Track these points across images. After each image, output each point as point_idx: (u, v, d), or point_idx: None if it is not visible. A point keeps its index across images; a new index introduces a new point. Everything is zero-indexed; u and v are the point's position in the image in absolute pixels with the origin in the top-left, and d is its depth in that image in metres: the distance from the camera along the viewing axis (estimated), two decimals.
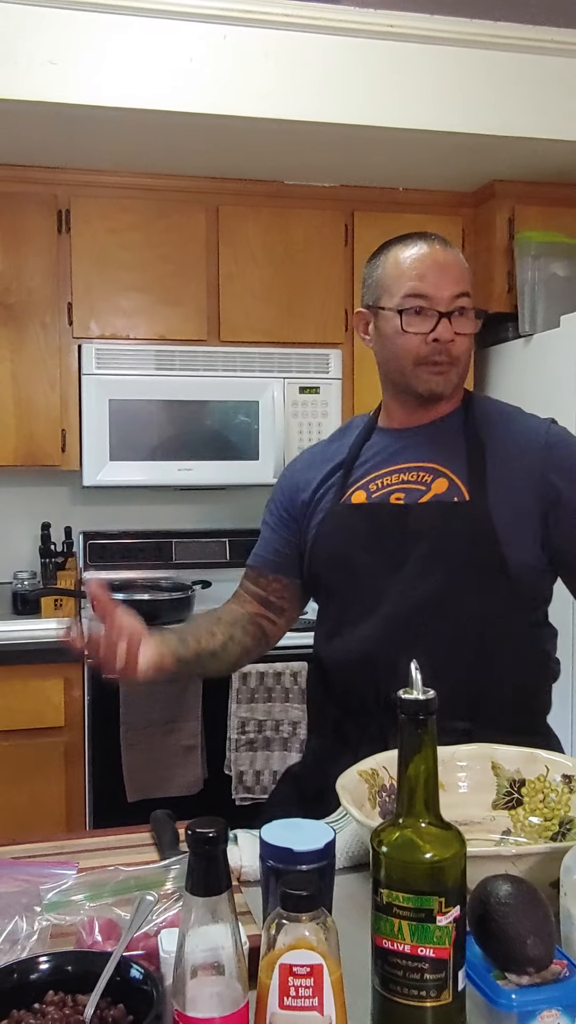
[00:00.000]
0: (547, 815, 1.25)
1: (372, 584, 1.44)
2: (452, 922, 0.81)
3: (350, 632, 1.49)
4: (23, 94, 2.47)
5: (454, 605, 1.39)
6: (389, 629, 1.42)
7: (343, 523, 1.48)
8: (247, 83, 2.60)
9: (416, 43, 2.68)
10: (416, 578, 1.40)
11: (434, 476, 1.44)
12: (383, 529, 1.43)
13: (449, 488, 1.42)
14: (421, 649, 1.18)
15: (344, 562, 1.48)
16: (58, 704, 2.73)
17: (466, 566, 1.38)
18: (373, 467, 1.50)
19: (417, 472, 1.45)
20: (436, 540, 1.39)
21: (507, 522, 1.38)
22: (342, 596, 1.51)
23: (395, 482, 1.46)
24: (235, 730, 2.71)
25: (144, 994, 0.85)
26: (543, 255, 3.09)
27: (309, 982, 0.77)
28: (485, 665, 1.41)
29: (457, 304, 1.40)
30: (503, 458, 1.42)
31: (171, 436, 3.03)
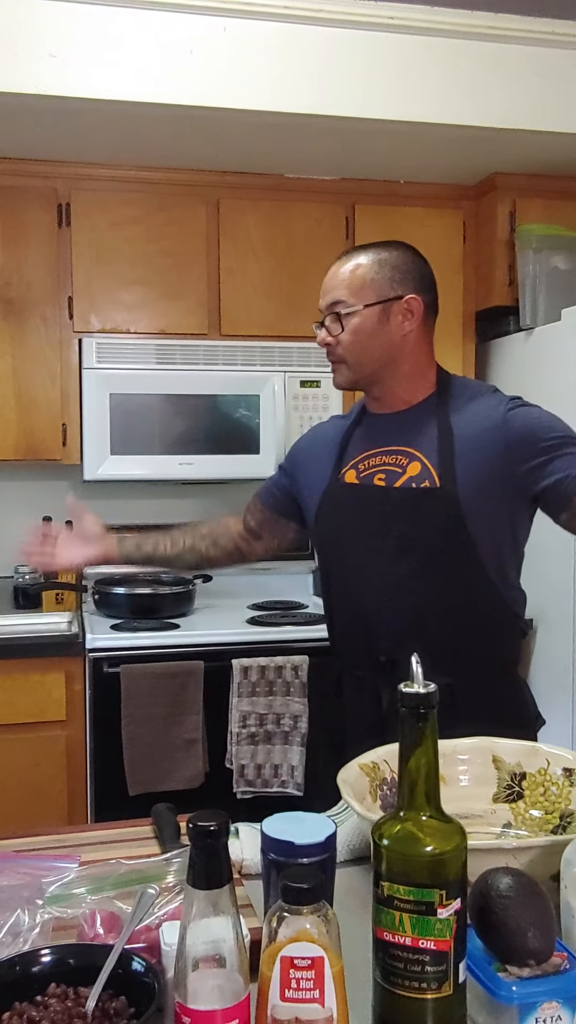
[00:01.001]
0: (548, 808, 1.25)
1: (357, 560, 1.65)
2: (453, 915, 0.81)
3: (341, 598, 1.71)
4: (23, 87, 2.47)
5: (429, 581, 1.58)
6: (374, 599, 1.62)
7: (338, 500, 1.68)
8: (247, 76, 2.59)
9: (417, 35, 2.67)
10: (393, 558, 1.59)
11: (409, 460, 1.61)
12: (368, 510, 1.63)
13: (421, 471, 1.59)
14: (403, 616, 1.56)
15: (336, 537, 1.70)
16: (59, 698, 2.73)
17: (437, 549, 1.57)
18: (362, 449, 1.69)
19: (395, 455, 1.63)
20: (410, 525, 1.58)
21: (473, 503, 1.54)
22: (335, 566, 1.71)
23: (378, 463, 1.64)
24: (236, 724, 2.72)
25: (146, 987, 0.85)
26: (544, 248, 3.08)
27: (310, 974, 0.78)
28: (461, 629, 1.59)
29: (331, 310, 1.65)
30: (468, 440, 1.57)
31: (172, 430, 3.03)
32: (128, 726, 2.66)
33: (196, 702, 2.70)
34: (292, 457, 1.87)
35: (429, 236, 3.23)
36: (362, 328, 1.62)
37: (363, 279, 1.62)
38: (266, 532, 1.92)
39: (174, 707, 2.69)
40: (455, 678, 1.52)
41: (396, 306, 1.61)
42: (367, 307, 1.61)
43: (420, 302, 1.62)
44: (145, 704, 2.67)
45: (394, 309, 1.61)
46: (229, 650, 2.75)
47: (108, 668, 2.68)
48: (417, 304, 1.62)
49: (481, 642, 1.62)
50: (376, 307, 1.61)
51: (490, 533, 1.57)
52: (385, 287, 1.61)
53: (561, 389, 2.76)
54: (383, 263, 1.62)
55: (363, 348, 1.62)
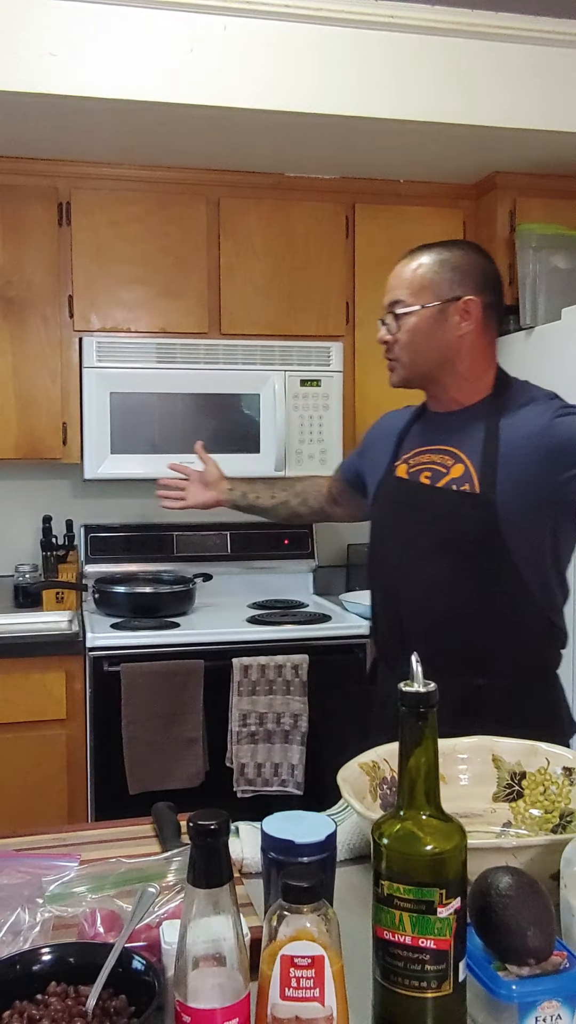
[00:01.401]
0: (547, 807, 1.26)
1: (397, 553, 1.68)
2: (453, 913, 0.82)
3: (382, 589, 1.76)
4: (23, 86, 2.47)
5: (462, 583, 1.59)
6: (410, 594, 1.65)
7: (388, 492, 1.74)
8: (248, 74, 2.59)
9: (417, 34, 2.67)
10: (430, 556, 1.62)
11: (454, 461, 1.62)
12: (411, 506, 1.66)
13: (464, 474, 1.60)
14: (436, 614, 1.58)
15: (382, 528, 1.75)
16: (60, 697, 2.73)
17: (472, 552, 1.57)
18: (415, 444, 1.73)
19: (442, 455, 1.65)
20: (447, 526, 1.60)
21: (511, 510, 1.54)
22: (379, 556, 1.76)
23: (425, 461, 1.67)
24: (236, 722, 2.72)
25: (146, 985, 0.85)
26: (544, 247, 3.08)
27: (310, 973, 0.78)
28: (492, 632, 1.59)
29: (392, 309, 1.66)
30: (513, 446, 1.57)
31: (172, 429, 3.03)
32: (128, 725, 2.67)
33: (196, 701, 2.70)
34: (364, 440, 1.95)
35: (429, 235, 3.17)
36: (418, 328, 1.63)
37: (423, 279, 1.63)
38: (344, 501, 2.04)
39: (174, 706, 2.69)
40: (486, 680, 1.56)
41: (453, 307, 1.62)
42: (424, 307, 1.62)
43: (478, 303, 1.63)
44: (145, 703, 2.67)
45: (451, 310, 1.62)
46: (229, 649, 2.75)
47: (108, 667, 2.68)
48: (475, 305, 1.63)
49: (513, 647, 1.60)
50: (433, 308, 1.62)
51: (528, 541, 1.56)
52: (444, 288, 1.62)
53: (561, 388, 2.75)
54: (445, 263, 1.63)
55: (418, 348, 1.64)
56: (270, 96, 2.61)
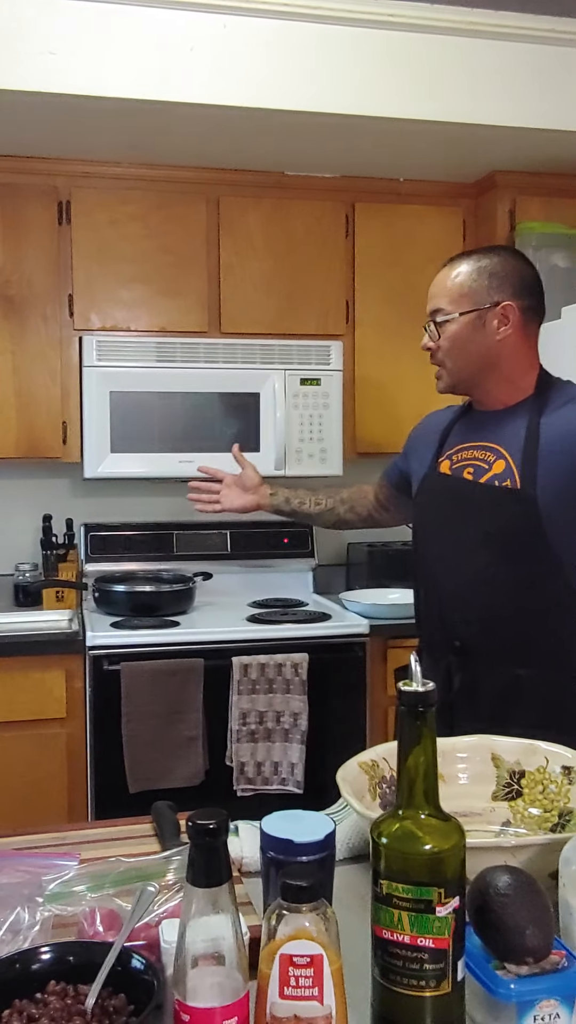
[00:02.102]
0: (547, 806, 1.26)
1: (440, 547, 1.73)
2: (451, 912, 0.82)
3: (425, 581, 1.79)
4: (23, 84, 2.47)
5: (504, 576, 1.62)
6: (453, 586, 1.69)
7: (432, 488, 1.78)
8: (247, 73, 2.59)
9: (417, 32, 2.67)
10: (473, 550, 1.66)
11: (496, 457, 1.66)
12: (454, 502, 1.70)
13: (505, 470, 1.64)
14: (478, 606, 1.64)
15: (426, 520, 1.79)
16: (60, 695, 2.73)
17: (514, 546, 1.61)
18: (458, 441, 1.77)
19: (484, 451, 1.69)
20: (490, 521, 1.63)
21: (552, 506, 1.58)
22: (422, 550, 1.81)
23: (468, 458, 1.71)
24: (236, 721, 2.72)
25: (145, 984, 0.85)
26: (544, 246, 3.08)
27: (309, 972, 0.78)
28: (534, 623, 1.62)
29: (434, 318, 1.70)
30: (553, 444, 1.61)
31: (172, 428, 3.03)
32: (128, 724, 2.67)
33: (196, 700, 2.70)
34: (408, 441, 1.97)
35: (429, 234, 3.23)
36: (458, 335, 1.68)
37: (461, 287, 1.67)
38: (392, 506, 2.07)
39: (174, 705, 2.69)
40: (526, 670, 1.61)
41: (491, 313, 1.66)
42: (463, 315, 1.67)
43: (516, 308, 1.67)
44: (145, 702, 2.67)
45: (489, 316, 1.66)
46: (229, 648, 2.75)
47: (108, 666, 2.69)
48: (513, 310, 1.67)
49: (553, 638, 1.63)
50: (471, 315, 1.66)
51: (569, 534, 1.59)
52: (482, 295, 1.66)
53: None
54: (483, 271, 1.67)
55: (460, 354, 1.69)
56: (270, 95, 2.61)
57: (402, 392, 3.14)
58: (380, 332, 3.24)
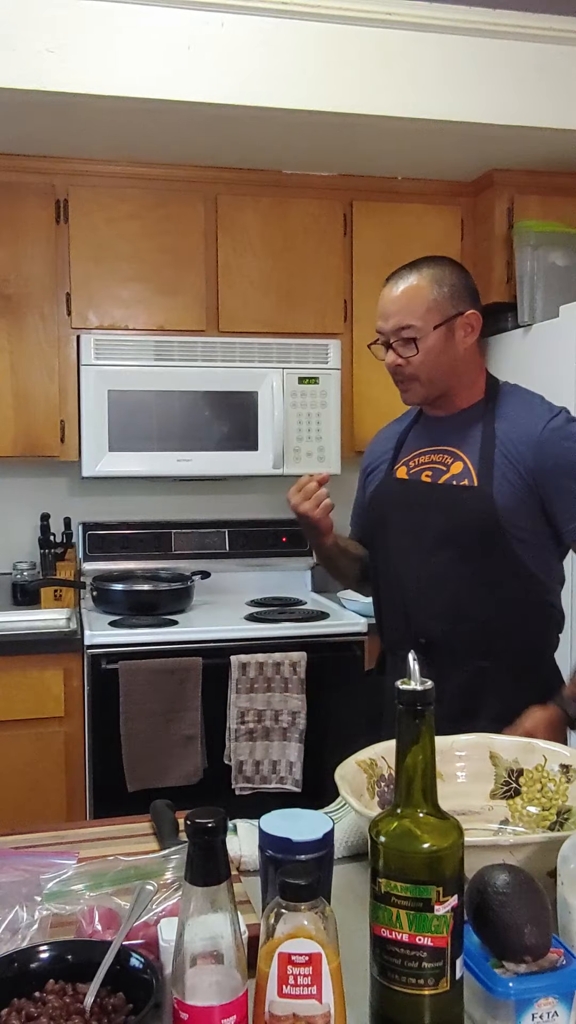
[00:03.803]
0: (545, 804, 1.26)
1: (401, 548, 1.76)
2: (450, 911, 0.82)
3: (386, 582, 1.81)
4: (20, 82, 2.46)
5: (465, 572, 1.67)
6: (415, 585, 1.72)
7: (388, 492, 1.81)
8: (244, 71, 2.59)
9: (415, 31, 2.67)
10: (433, 549, 1.70)
11: (453, 459, 1.72)
12: (413, 504, 1.74)
13: (463, 471, 1.69)
14: (441, 602, 1.68)
15: (384, 525, 1.80)
16: (58, 694, 2.73)
17: (474, 542, 1.66)
18: (414, 447, 1.81)
19: (441, 454, 1.74)
20: (449, 519, 1.68)
21: (508, 504, 1.63)
22: (382, 552, 1.82)
23: (426, 462, 1.76)
24: (235, 720, 2.72)
25: (144, 983, 0.85)
26: (542, 245, 3.08)
27: (308, 971, 0.78)
28: (496, 617, 1.67)
29: (400, 335, 1.68)
30: (508, 447, 1.67)
31: (170, 426, 3.02)
32: (126, 722, 2.67)
33: (194, 698, 2.70)
34: (363, 468, 1.95)
35: (427, 232, 3.23)
36: (433, 348, 1.69)
37: (426, 301, 1.68)
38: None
39: (172, 703, 2.69)
40: (489, 661, 1.67)
41: (459, 322, 1.69)
42: (436, 328, 1.68)
43: (479, 316, 1.71)
44: (143, 700, 2.67)
45: (457, 325, 1.69)
46: (227, 646, 2.76)
47: (106, 664, 2.69)
48: (476, 318, 1.71)
49: (514, 630, 1.69)
50: (442, 327, 1.68)
51: (528, 529, 1.65)
52: (447, 306, 1.69)
53: (559, 385, 2.76)
54: (440, 282, 1.69)
55: (434, 366, 1.70)
56: (267, 93, 2.61)
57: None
58: None
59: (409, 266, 1.72)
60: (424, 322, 1.67)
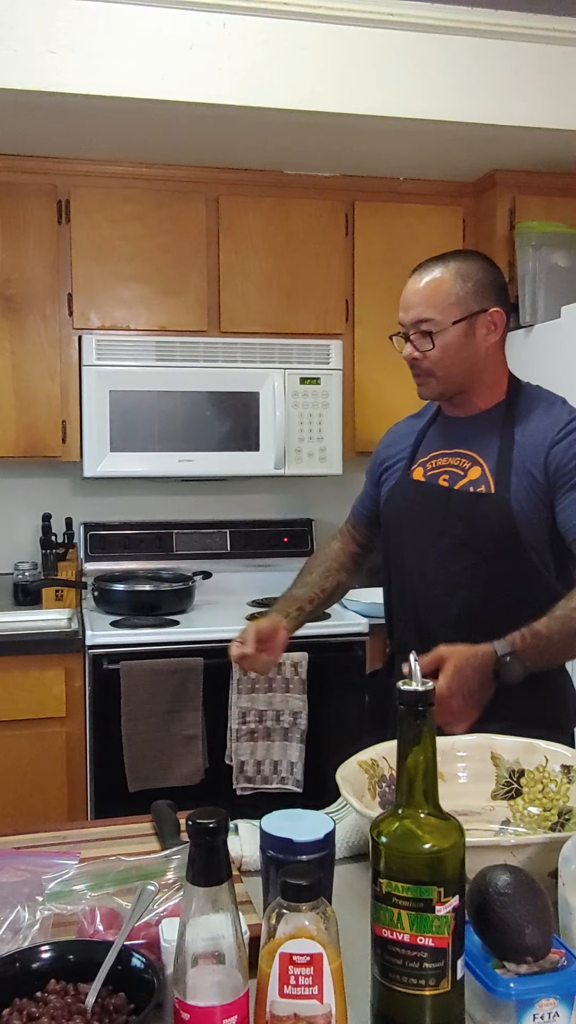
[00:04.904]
0: (546, 805, 1.26)
1: (416, 553, 1.73)
2: (451, 911, 0.82)
3: (399, 587, 1.79)
4: (22, 83, 2.46)
5: (481, 580, 1.64)
6: (429, 591, 1.69)
7: (405, 493, 1.78)
8: (247, 72, 2.59)
9: (417, 32, 2.67)
10: (449, 556, 1.66)
11: (471, 463, 1.69)
12: (430, 508, 1.71)
13: (480, 476, 1.66)
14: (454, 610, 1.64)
15: (400, 526, 1.78)
16: (59, 694, 2.74)
17: (491, 550, 1.62)
18: (432, 448, 1.77)
19: (459, 458, 1.71)
20: (466, 526, 1.65)
21: (525, 511, 1.60)
22: (395, 557, 1.80)
23: (443, 464, 1.73)
24: (236, 720, 2.72)
25: (145, 983, 0.85)
26: (544, 245, 3.08)
27: (309, 971, 0.78)
28: (511, 626, 1.57)
29: (419, 328, 1.65)
30: (526, 453, 1.64)
31: (171, 427, 3.03)
32: (128, 723, 2.67)
33: (196, 698, 2.70)
34: (373, 461, 1.92)
35: (428, 233, 3.23)
36: (451, 344, 1.65)
37: (449, 296, 1.64)
38: (376, 542, 1.95)
39: (174, 703, 2.69)
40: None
41: (480, 319, 1.65)
42: (455, 324, 1.64)
43: (502, 314, 1.67)
44: (145, 701, 2.67)
45: (479, 322, 1.66)
46: (229, 646, 2.75)
47: (108, 665, 2.69)
48: (500, 317, 1.67)
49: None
50: (462, 323, 1.65)
51: (546, 538, 1.62)
52: (470, 302, 1.65)
53: (561, 386, 2.75)
54: (465, 277, 1.65)
55: (452, 362, 1.67)
56: (269, 94, 2.61)
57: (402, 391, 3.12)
58: (380, 331, 3.22)
59: (437, 258, 1.69)
60: (443, 316, 1.64)
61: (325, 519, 3.42)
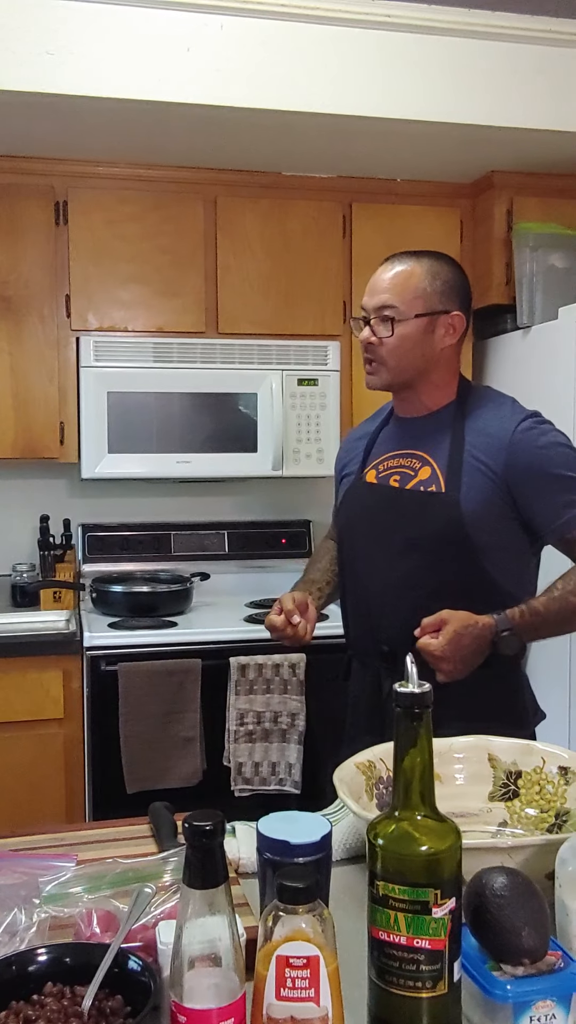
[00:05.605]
0: (543, 807, 1.26)
1: (367, 554, 1.73)
2: (448, 914, 0.82)
3: (352, 589, 1.79)
4: (20, 84, 2.46)
5: (431, 579, 1.64)
6: (380, 592, 1.70)
7: (358, 496, 1.79)
8: (244, 73, 2.59)
9: (414, 33, 2.67)
10: (399, 555, 1.67)
11: (421, 464, 1.69)
12: (380, 509, 1.71)
13: (431, 476, 1.66)
14: (405, 610, 1.60)
15: (352, 529, 1.79)
16: (57, 696, 2.73)
17: (440, 550, 1.63)
18: (384, 450, 1.78)
19: (410, 459, 1.71)
20: (415, 525, 1.65)
21: (475, 509, 1.60)
22: (348, 558, 1.81)
23: (394, 466, 1.73)
24: (234, 721, 2.72)
25: (142, 985, 0.85)
26: (541, 246, 3.08)
27: (305, 973, 0.78)
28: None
29: (381, 313, 1.67)
30: (477, 452, 1.64)
31: (169, 428, 3.03)
32: (126, 724, 2.67)
33: (194, 700, 2.70)
34: (336, 470, 1.94)
35: (426, 234, 3.23)
36: (409, 336, 1.67)
37: (416, 288, 1.66)
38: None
39: (172, 705, 2.69)
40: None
41: (442, 319, 1.67)
42: (417, 317, 1.65)
43: (463, 319, 1.69)
44: (143, 702, 2.67)
45: (439, 322, 1.67)
46: (227, 648, 2.76)
47: (106, 666, 2.69)
48: (460, 321, 1.69)
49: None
50: (424, 318, 1.66)
51: (497, 538, 1.62)
52: (435, 300, 1.67)
53: (558, 387, 2.77)
54: (436, 275, 1.67)
55: (405, 354, 1.68)
56: (267, 95, 2.61)
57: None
58: None
59: (411, 253, 1.70)
60: (407, 307, 1.65)
61: (323, 520, 3.41)
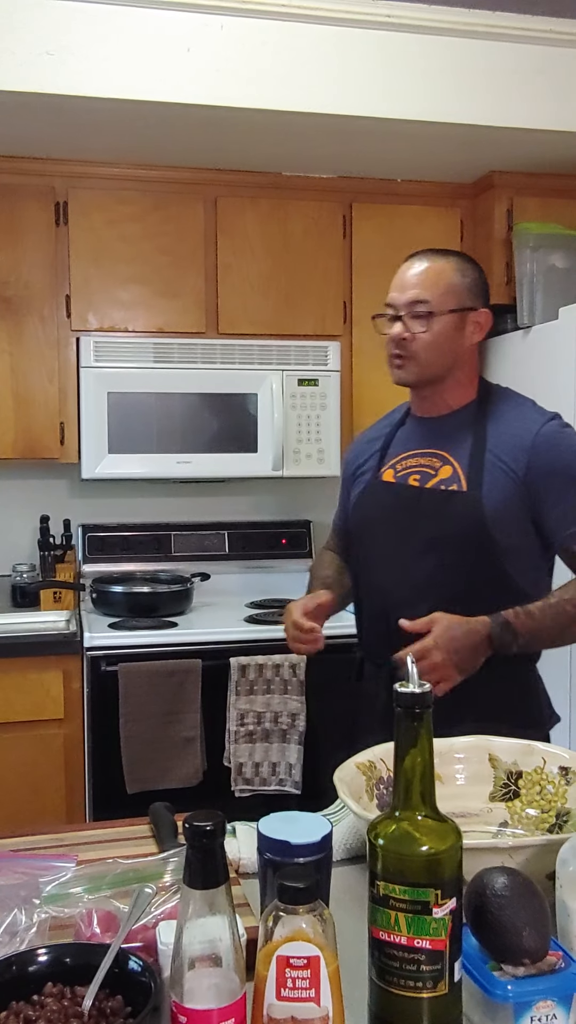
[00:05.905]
0: (544, 807, 1.26)
1: (386, 554, 1.71)
2: (448, 914, 0.82)
3: (368, 589, 1.78)
4: (20, 85, 2.46)
5: (451, 580, 1.62)
6: (398, 592, 1.67)
7: (375, 496, 1.77)
8: (244, 73, 2.59)
9: (415, 33, 2.67)
10: (419, 555, 1.65)
11: (442, 463, 1.68)
12: (400, 508, 1.70)
13: (451, 475, 1.65)
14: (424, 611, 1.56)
15: (370, 529, 1.77)
16: (57, 696, 2.73)
17: (461, 550, 1.62)
18: (401, 449, 1.77)
19: (430, 457, 1.71)
20: (436, 525, 1.64)
21: (497, 509, 1.60)
22: (366, 556, 1.79)
23: (414, 465, 1.72)
24: (234, 722, 2.72)
25: (142, 986, 0.85)
26: (542, 246, 3.08)
27: (306, 974, 0.78)
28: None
29: (414, 308, 1.65)
30: (499, 452, 1.63)
31: (170, 429, 3.03)
32: (126, 724, 2.67)
33: (194, 700, 2.70)
34: (346, 472, 1.91)
35: (426, 234, 3.22)
36: (443, 332, 1.66)
37: (449, 285, 1.66)
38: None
39: (172, 705, 2.69)
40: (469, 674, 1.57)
41: (471, 316, 1.68)
42: (450, 312, 1.66)
43: (490, 317, 1.70)
44: (143, 702, 2.67)
45: (469, 319, 1.68)
46: (227, 648, 2.75)
47: (106, 667, 2.68)
48: (487, 319, 1.70)
49: None
50: (456, 314, 1.67)
51: (517, 539, 1.62)
52: (465, 296, 1.68)
53: (558, 387, 2.76)
54: (464, 272, 1.68)
55: (438, 350, 1.67)
56: (267, 95, 2.61)
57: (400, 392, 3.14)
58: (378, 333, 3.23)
59: (435, 250, 1.71)
60: (441, 302, 1.65)
61: (323, 521, 3.41)
